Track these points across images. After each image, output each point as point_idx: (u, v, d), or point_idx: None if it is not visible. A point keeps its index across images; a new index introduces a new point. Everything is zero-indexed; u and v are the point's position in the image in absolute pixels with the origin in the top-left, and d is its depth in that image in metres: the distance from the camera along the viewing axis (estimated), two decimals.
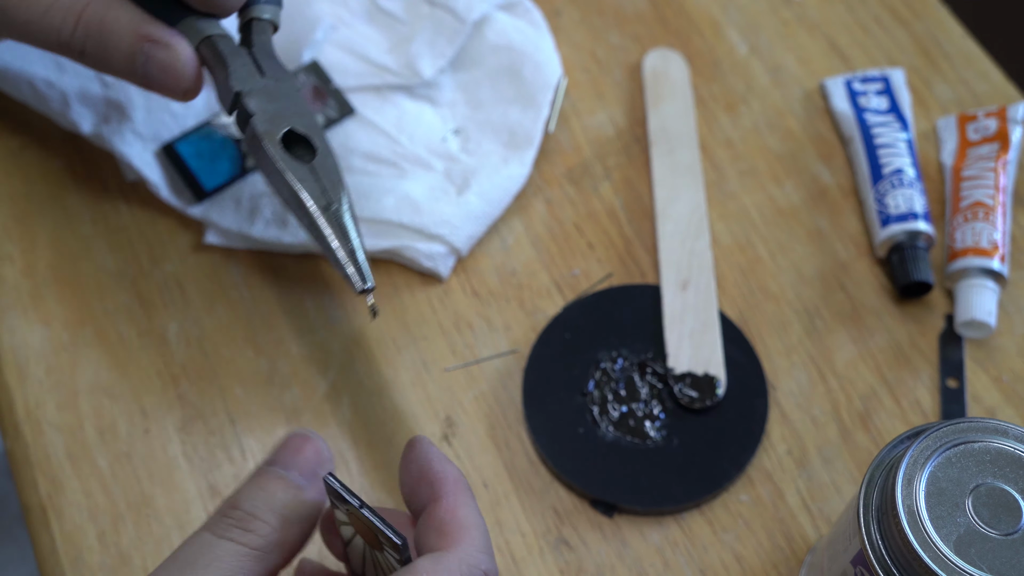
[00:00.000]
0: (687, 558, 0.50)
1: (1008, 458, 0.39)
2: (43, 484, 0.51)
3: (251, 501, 0.38)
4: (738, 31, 0.66)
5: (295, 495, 0.39)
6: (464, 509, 0.38)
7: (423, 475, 0.39)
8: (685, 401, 0.52)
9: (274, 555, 0.38)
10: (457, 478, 0.39)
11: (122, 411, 0.53)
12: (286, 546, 0.39)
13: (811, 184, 0.60)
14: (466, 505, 0.38)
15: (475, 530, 0.38)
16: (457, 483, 0.39)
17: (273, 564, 0.38)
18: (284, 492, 0.39)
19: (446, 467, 0.39)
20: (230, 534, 0.37)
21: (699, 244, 0.57)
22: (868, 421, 0.53)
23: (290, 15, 0.62)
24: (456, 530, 0.37)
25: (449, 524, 0.37)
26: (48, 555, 0.49)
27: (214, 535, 0.37)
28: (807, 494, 0.52)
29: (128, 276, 0.56)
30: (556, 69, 0.61)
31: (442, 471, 0.39)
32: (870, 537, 0.39)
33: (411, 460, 0.39)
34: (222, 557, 0.36)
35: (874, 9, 0.67)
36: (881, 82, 0.62)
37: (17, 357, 0.54)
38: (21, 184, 0.58)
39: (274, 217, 0.56)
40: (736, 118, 0.62)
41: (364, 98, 0.60)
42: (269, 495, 0.38)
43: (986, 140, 0.59)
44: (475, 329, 0.55)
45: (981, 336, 0.55)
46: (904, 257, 0.56)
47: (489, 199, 0.57)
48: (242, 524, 0.37)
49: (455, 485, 0.39)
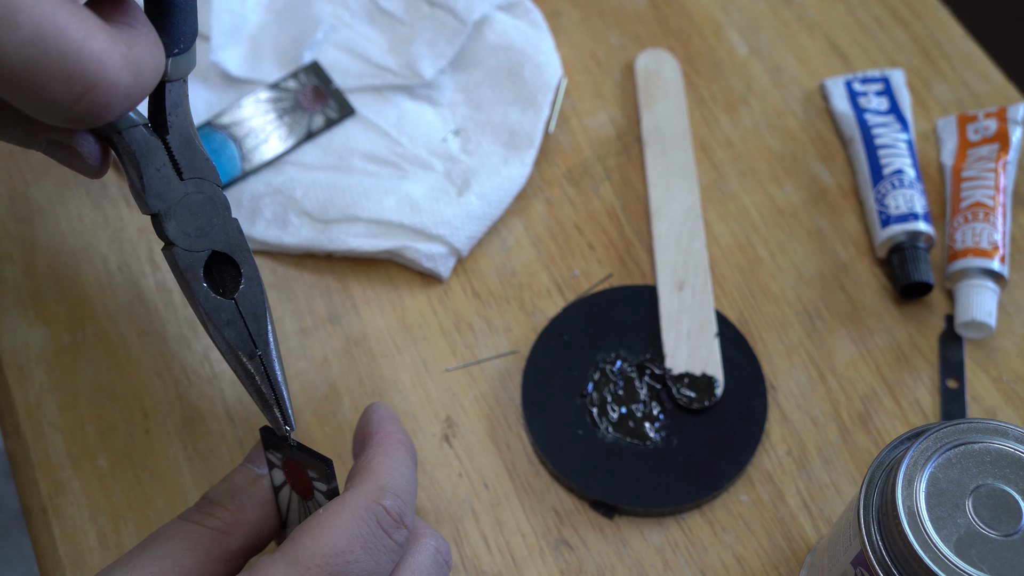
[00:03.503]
0: (687, 559, 0.50)
1: (1008, 459, 0.39)
2: (44, 484, 0.51)
3: (215, 492, 0.42)
4: (738, 31, 0.66)
5: (254, 479, 0.42)
6: (379, 458, 0.41)
7: (362, 431, 0.44)
8: (684, 402, 0.52)
9: (235, 536, 0.40)
10: (390, 432, 0.42)
11: (122, 411, 0.53)
12: (246, 526, 0.41)
13: (811, 184, 0.60)
14: (384, 455, 0.41)
15: (383, 472, 0.40)
16: (388, 436, 0.42)
17: (236, 545, 0.40)
18: (242, 479, 0.42)
19: (384, 423, 0.43)
20: (192, 517, 0.40)
21: (695, 244, 0.57)
22: (868, 422, 0.53)
23: (290, 15, 0.62)
24: (363, 474, 0.40)
25: (361, 471, 0.40)
26: (48, 555, 0.49)
27: (179, 519, 0.41)
28: (807, 495, 0.52)
29: (128, 276, 0.56)
30: (556, 70, 0.61)
31: (376, 425, 0.43)
32: (870, 538, 0.39)
33: (359, 424, 0.44)
34: (182, 534, 0.40)
35: (874, 9, 0.67)
36: (881, 82, 0.62)
37: (18, 357, 0.54)
38: (22, 184, 0.58)
39: (274, 218, 0.56)
40: (736, 118, 0.63)
41: (364, 98, 0.60)
42: (230, 484, 0.42)
43: (986, 141, 0.59)
44: (475, 330, 0.55)
45: (981, 337, 0.55)
46: (904, 258, 0.56)
47: (489, 200, 0.57)
48: (203, 509, 0.41)
49: (385, 438, 0.42)
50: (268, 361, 0.41)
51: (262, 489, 0.42)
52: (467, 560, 0.50)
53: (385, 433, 0.43)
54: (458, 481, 0.51)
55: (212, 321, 0.41)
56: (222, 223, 0.42)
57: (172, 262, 0.41)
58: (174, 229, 0.41)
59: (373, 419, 0.44)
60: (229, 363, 0.42)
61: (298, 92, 0.60)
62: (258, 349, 0.41)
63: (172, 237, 0.41)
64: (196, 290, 0.41)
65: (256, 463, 0.43)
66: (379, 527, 0.38)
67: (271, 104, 0.60)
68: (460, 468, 0.52)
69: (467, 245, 0.56)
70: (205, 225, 0.41)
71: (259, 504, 0.42)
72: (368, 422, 0.44)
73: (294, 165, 0.58)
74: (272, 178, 0.58)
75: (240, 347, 0.41)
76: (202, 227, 0.41)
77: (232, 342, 0.41)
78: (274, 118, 0.59)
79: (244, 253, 0.42)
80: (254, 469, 0.43)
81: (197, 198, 0.41)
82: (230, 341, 0.41)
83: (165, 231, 0.40)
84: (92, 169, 0.40)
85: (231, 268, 0.42)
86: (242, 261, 0.42)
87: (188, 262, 0.41)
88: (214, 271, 0.41)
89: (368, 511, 0.38)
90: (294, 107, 0.59)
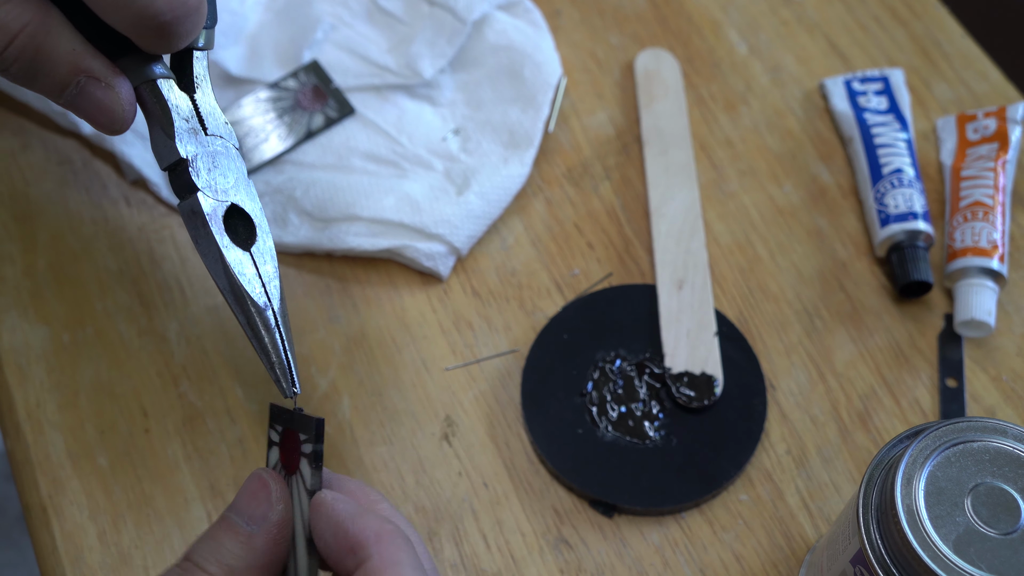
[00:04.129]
0: (687, 557, 0.50)
1: (1007, 457, 0.39)
2: (44, 484, 0.51)
3: (199, 553, 0.37)
4: (738, 31, 0.66)
5: (243, 542, 0.38)
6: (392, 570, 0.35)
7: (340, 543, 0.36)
8: (683, 401, 0.52)
9: None
10: (380, 532, 0.36)
11: (122, 411, 0.53)
12: None
13: (811, 184, 0.60)
14: (395, 565, 0.35)
15: None
16: (380, 539, 0.36)
17: None
18: (231, 541, 0.38)
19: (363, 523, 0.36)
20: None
21: (694, 243, 0.57)
22: (867, 421, 0.53)
23: (290, 15, 0.62)
24: None
25: None
26: (48, 554, 0.49)
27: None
28: (806, 493, 0.52)
29: (128, 276, 0.56)
30: (556, 69, 0.61)
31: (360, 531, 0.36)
32: (869, 537, 0.39)
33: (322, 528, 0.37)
34: None
35: (874, 9, 0.67)
36: (880, 82, 0.62)
37: (18, 357, 0.54)
38: (22, 184, 0.58)
39: (274, 217, 0.56)
40: (736, 118, 0.63)
41: (364, 98, 0.60)
42: (217, 545, 0.38)
43: (985, 140, 0.59)
44: (475, 329, 0.55)
45: (980, 336, 0.55)
46: (904, 257, 0.56)
47: (489, 199, 0.57)
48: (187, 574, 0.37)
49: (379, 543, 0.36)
50: (280, 316, 0.42)
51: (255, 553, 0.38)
52: (467, 559, 0.50)
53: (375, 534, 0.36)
54: (458, 480, 0.51)
55: (230, 270, 0.41)
56: (242, 180, 0.43)
57: (193, 211, 0.42)
58: (199, 176, 0.42)
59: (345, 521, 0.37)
60: (239, 317, 0.42)
61: (298, 91, 0.60)
62: (273, 301, 0.42)
63: (199, 183, 0.42)
64: (218, 237, 0.42)
65: (238, 511, 0.38)
66: None
67: (271, 103, 0.60)
68: (460, 467, 0.52)
69: (467, 244, 0.56)
70: (226, 176, 0.43)
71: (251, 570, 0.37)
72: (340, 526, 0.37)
73: (294, 164, 0.58)
74: (272, 177, 0.58)
75: (256, 299, 0.42)
76: (223, 180, 0.43)
77: (249, 293, 0.41)
78: (274, 117, 0.59)
79: (259, 213, 0.43)
80: (238, 521, 0.38)
81: (221, 152, 0.43)
82: (248, 291, 0.42)
83: (190, 176, 0.42)
84: (118, 117, 0.42)
85: (247, 223, 0.43)
86: (257, 219, 0.43)
87: (211, 208, 0.42)
88: (231, 224, 0.43)
89: None
90: (294, 106, 0.60)
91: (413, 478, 0.51)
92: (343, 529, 0.36)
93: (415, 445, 0.52)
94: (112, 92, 0.42)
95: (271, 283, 0.42)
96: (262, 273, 0.42)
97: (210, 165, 0.43)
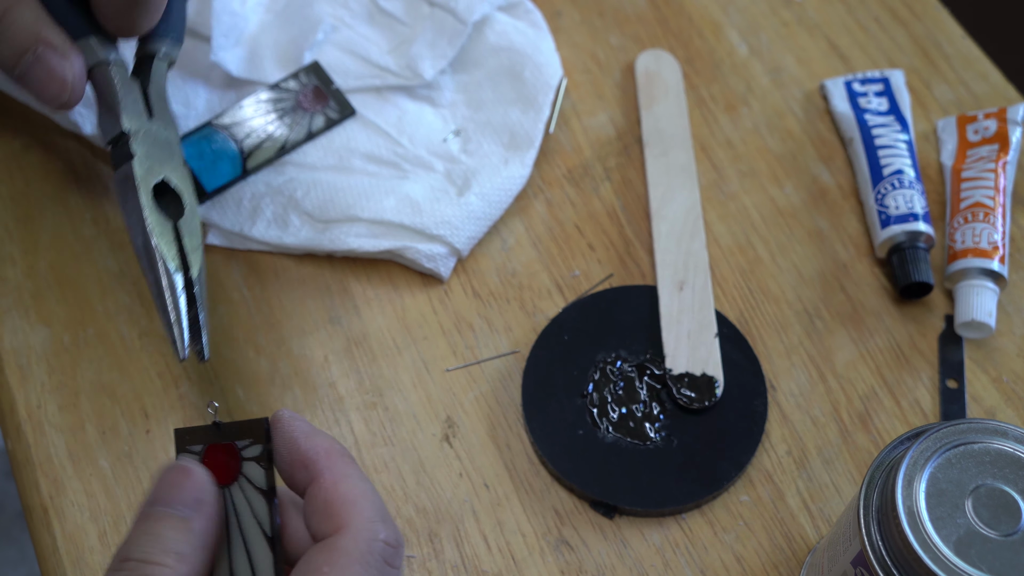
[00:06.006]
0: (687, 559, 0.50)
1: (1008, 459, 0.39)
2: (45, 485, 0.51)
3: (140, 548, 0.36)
4: (738, 32, 0.66)
5: (184, 528, 0.36)
6: (345, 483, 0.37)
7: (294, 457, 0.38)
8: (684, 402, 0.52)
9: None
10: (330, 450, 0.38)
11: (123, 412, 0.53)
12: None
13: (811, 185, 0.61)
14: (346, 477, 0.37)
15: (362, 501, 0.36)
16: (330, 455, 0.38)
17: None
18: (171, 529, 0.36)
19: (315, 441, 0.38)
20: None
21: (695, 244, 0.57)
22: (868, 422, 0.54)
23: (291, 16, 0.62)
24: (341, 508, 0.36)
25: (333, 504, 0.36)
26: (49, 555, 0.49)
27: None
28: (807, 495, 0.52)
29: (129, 277, 0.56)
30: (556, 70, 0.61)
31: (311, 448, 0.38)
32: (870, 538, 0.39)
33: (278, 443, 0.38)
34: None
35: (874, 10, 0.67)
36: (881, 83, 0.62)
37: (19, 358, 0.54)
38: (23, 185, 0.58)
39: (275, 218, 0.56)
40: (736, 119, 0.63)
41: (365, 99, 0.60)
42: (156, 536, 0.36)
43: (986, 141, 0.60)
44: (476, 330, 0.55)
45: (981, 337, 0.55)
46: (904, 258, 0.56)
47: (489, 200, 0.57)
48: (137, 572, 0.35)
49: (329, 458, 0.37)
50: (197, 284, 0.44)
51: (198, 535, 0.36)
52: (467, 560, 0.50)
53: (325, 451, 0.38)
54: (458, 481, 0.51)
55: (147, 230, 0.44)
56: (178, 164, 0.47)
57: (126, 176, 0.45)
58: (136, 147, 0.46)
59: (299, 438, 0.38)
60: (148, 276, 0.44)
61: (299, 92, 0.60)
62: (190, 271, 0.44)
63: (134, 150, 0.45)
64: (143, 198, 0.44)
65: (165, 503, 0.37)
66: (386, 564, 0.36)
67: (272, 104, 0.60)
68: (460, 468, 0.52)
69: (467, 245, 0.56)
70: (163, 158, 0.46)
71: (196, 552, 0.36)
72: (294, 442, 0.38)
73: (294, 165, 0.58)
74: (273, 178, 0.58)
75: (168, 261, 0.43)
76: (160, 158, 0.46)
77: (163, 253, 0.43)
78: (275, 118, 0.59)
79: (189, 195, 0.46)
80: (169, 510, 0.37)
81: (161, 134, 0.47)
82: (161, 251, 0.43)
83: (129, 148, 0.45)
84: (67, 87, 0.44)
85: (176, 201, 0.46)
86: (186, 199, 0.46)
87: (142, 176, 0.45)
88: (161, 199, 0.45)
89: (373, 555, 0.35)
90: (295, 107, 0.60)
91: (414, 479, 0.51)
92: (296, 445, 0.38)
93: (416, 446, 0.52)
94: (67, 61, 0.44)
95: (192, 253, 0.45)
96: (185, 244, 0.45)
97: (150, 143, 0.46)
